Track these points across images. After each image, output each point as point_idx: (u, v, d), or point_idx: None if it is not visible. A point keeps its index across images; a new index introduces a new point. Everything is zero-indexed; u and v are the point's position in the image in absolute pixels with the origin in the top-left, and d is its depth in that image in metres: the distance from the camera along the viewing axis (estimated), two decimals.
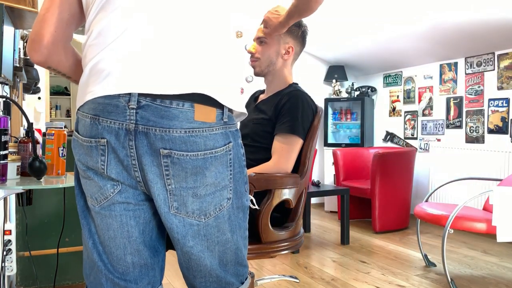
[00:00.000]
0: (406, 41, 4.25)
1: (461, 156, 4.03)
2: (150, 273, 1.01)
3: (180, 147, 0.87)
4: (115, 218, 0.96)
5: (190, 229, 0.93)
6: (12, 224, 2.16)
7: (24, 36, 2.43)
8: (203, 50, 0.91)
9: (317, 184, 3.88)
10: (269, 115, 1.58)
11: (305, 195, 1.57)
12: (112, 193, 0.94)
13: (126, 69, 0.88)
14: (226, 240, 0.97)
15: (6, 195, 1.70)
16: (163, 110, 0.86)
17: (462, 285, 2.61)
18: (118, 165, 0.91)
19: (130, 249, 0.98)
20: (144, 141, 0.88)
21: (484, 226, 2.44)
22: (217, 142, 0.90)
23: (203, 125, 0.88)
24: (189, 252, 0.95)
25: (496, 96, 3.90)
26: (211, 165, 0.90)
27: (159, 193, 0.91)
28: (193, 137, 0.88)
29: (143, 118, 0.86)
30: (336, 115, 5.37)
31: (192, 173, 0.89)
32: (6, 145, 1.37)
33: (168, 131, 0.86)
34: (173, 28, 0.90)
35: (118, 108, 0.87)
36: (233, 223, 0.97)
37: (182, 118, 0.87)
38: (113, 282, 0.98)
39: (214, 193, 0.92)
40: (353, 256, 3.26)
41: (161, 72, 0.87)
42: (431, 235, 3.91)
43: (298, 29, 1.64)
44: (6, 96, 1.49)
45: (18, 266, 2.26)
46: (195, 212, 0.92)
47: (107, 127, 0.89)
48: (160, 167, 0.89)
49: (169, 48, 0.89)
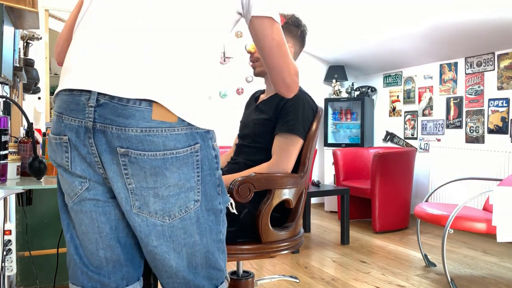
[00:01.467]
0: (406, 41, 4.25)
1: (461, 156, 4.03)
2: (123, 269, 1.02)
3: (136, 146, 0.86)
4: (86, 214, 0.97)
5: (153, 229, 0.92)
6: (12, 224, 2.16)
7: (24, 36, 2.43)
8: (167, 57, 0.90)
9: (317, 184, 3.88)
10: (270, 115, 1.58)
11: (305, 195, 1.58)
12: (80, 190, 0.95)
13: (86, 66, 0.90)
14: (194, 242, 0.95)
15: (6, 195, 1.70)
16: (120, 109, 0.86)
17: (462, 285, 2.61)
18: (82, 162, 0.93)
19: (102, 244, 0.99)
20: (102, 139, 0.88)
21: (484, 226, 2.44)
22: (179, 143, 0.88)
23: (162, 125, 0.87)
24: (153, 252, 0.94)
25: (496, 96, 3.90)
26: (172, 165, 0.89)
27: (120, 192, 0.91)
28: (150, 137, 0.86)
29: (101, 116, 0.87)
30: (336, 115, 5.37)
31: (151, 173, 0.88)
32: (6, 145, 1.37)
33: (124, 129, 0.86)
34: (139, 32, 0.90)
35: (79, 106, 0.89)
36: (203, 226, 0.96)
37: (139, 117, 0.86)
38: (88, 275, 1.01)
39: (178, 195, 0.91)
40: (353, 256, 3.26)
41: (120, 73, 0.88)
42: (431, 235, 3.91)
43: (297, 29, 1.64)
44: (6, 96, 1.49)
45: (18, 266, 2.26)
46: (158, 213, 0.91)
47: (68, 124, 0.91)
48: (119, 166, 0.89)
49: (132, 51, 0.89)
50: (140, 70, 0.88)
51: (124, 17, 0.92)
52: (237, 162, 1.62)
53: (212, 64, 0.98)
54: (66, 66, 0.96)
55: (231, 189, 1.33)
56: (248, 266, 3.00)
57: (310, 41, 4.77)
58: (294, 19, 1.63)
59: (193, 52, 0.93)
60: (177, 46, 0.91)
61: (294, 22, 1.62)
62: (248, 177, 1.35)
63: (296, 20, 1.64)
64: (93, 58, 0.90)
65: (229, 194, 1.33)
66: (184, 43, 0.92)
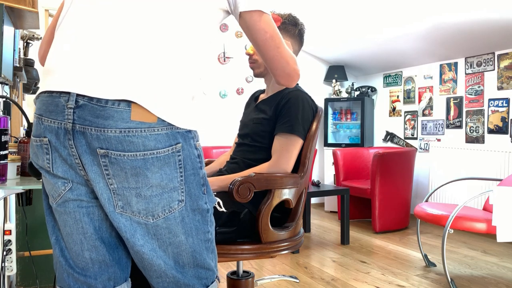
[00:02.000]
0: (406, 41, 4.25)
1: (461, 156, 4.03)
2: (110, 270, 1.01)
3: (116, 147, 0.86)
4: (70, 215, 0.97)
5: (138, 228, 0.92)
6: (12, 224, 2.16)
7: (24, 36, 2.44)
8: (146, 57, 0.89)
9: (317, 184, 3.88)
10: (269, 115, 1.58)
11: (305, 195, 1.58)
12: (63, 190, 0.95)
13: (65, 68, 0.90)
14: (179, 242, 0.95)
15: (6, 195, 1.70)
16: (98, 110, 0.86)
17: (462, 285, 2.61)
18: (63, 164, 0.92)
19: (86, 245, 0.98)
20: (82, 141, 0.88)
21: (484, 226, 2.44)
22: (159, 143, 0.88)
23: (141, 125, 0.86)
24: (140, 251, 0.94)
25: (496, 96, 3.90)
26: (153, 166, 0.88)
27: (102, 192, 0.91)
28: (130, 137, 0.86)
29: (80, 117, 0.86)
30: (336, 115, 5.37)
31: (132, 174, 0.88)
32: (6, 145, 1.37)
33: (103, 130, 0.86)
34: (118, 32, 0.90)
35: (58, 108, 0.89)
36: (188, 225, 0.95)
37: (117, 118, 0.85)
38: (74, 277, 1.00)
39: (161, 195, 0.90)
40: (353, 256, 3.26)
41: (99, 74, 0.87)
42: (431, 235, 3.91)
43: (295, 28, 1.64)
44: (6, 96, 1.49)
45: (18, 266, 2.26)
46: (141, 212, 0.91)
47: (48, 126, 0.91)
48: (100, 166, 0.88)
49: (110, 51, 0.89)
50: (118, 71, 0.87)
51: (102, 17, 0.91)
52: (236, 162, 1.62)
53: (195, 63, 0.97)
54: (46, 68, 0.95)
55: (231, 189, 1.33)
56: (248, 266, 3.00)
57: (310, 41, 4.78)
58: (291, 18, 1.63)
59: (173, 52, 0.92)
60: (157, 46, 0.91)
61: (291, 21, 1.62)
62: (248, 177, 1.35)
63: (293, 19, 1.64)
64: (71, 59, 0.90)
65: (229, 194, 1.34)
66: (164, 42, 0.91)
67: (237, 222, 1.42)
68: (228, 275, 1.63)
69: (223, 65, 4.86)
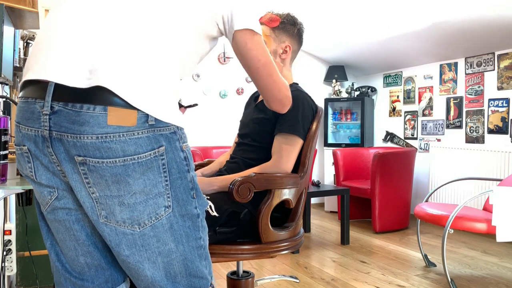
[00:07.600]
0: (406, 41, 4.25)
1: (461, 156, 4.03)
2: (106, 273, 1.00)
3: (94, 154, 0.82)
4: (61, 223, 0.95)
5: (123, 238, 0.88)
6: (12, 224, 2.16)
7: (24, 36, 2.44)
8: (125, 49, 0.85)
9: (317, 184, 3.88)
10: (269, 114, 1.58)
11: (305, 195, 1.57)
12: (50, 199, 0.92)
13: (40, 61, 0.87)
14: (169, 250, 0.91)
15: (6, 195, 1.70)
16: (74, 115, 0.81)
17: (462, 285, 2.61)
18: (46, 172, 0.89)
19: (80, 251, 0.96)
20: (60, 148, 0.84)
21: (484, 226, 2.44)
22: (140, 147, 0.83)
23: (119, 130, 0.81)
24: (126, 261, 0.90)
25: (496, 96, 3.90)
26: (135, 172, 0.84)
27: (85, 201, 0.87)
28: (107, 143, 0.81)
29: (56, 124, 0.83)
30: (336, 115, 5.37)
31: (113, 181, 0.83)
32: (6, 145, 1.37)
33: (80, 137, 0.81)
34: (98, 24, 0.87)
35: (34, 115, 0.85)
36: (177, 232, 0.91)
37: (93, 123, 0.81)
38: (71, 281, 0.99)
39: (146, 202, 0.86)
40: (353, 256, 3.26)
41: (75, 64, 0.84)
42: (431, 235, 3.91)
43: (294, 27, 1.63)
44: (6, 96, 1.49)
45: (18, 266, 2.26)
46: (126, 221, 0.87)
47: (26, 134, 0.88)
48: (80, 174, 0.85)
49: (89, 42, 0.85)
50: (95, 59, 0.83)
51: (82, 14, 0.89)
52: (236, 161, 1.62)
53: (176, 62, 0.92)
54: (26, 66, 0.93)
55: (231, 189, 1.33)
56: (248, 266, 3.00)
57: (310, 41, 4.78)
58: (289, 18, 1.63)
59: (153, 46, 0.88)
60: (136, 38, 0.87)
61: (290, 21, 1.62)
62: (248, 177, 1.35)
63: (291, 18, 1.63)
64: (50, 51, 0.87)
65: (229, 194, 1.33)
66: (144, 35, 0.88)
67: (237, 222, 1.42)
68: (228, 275, 1.63)
69: (223, 65, 4.86)
